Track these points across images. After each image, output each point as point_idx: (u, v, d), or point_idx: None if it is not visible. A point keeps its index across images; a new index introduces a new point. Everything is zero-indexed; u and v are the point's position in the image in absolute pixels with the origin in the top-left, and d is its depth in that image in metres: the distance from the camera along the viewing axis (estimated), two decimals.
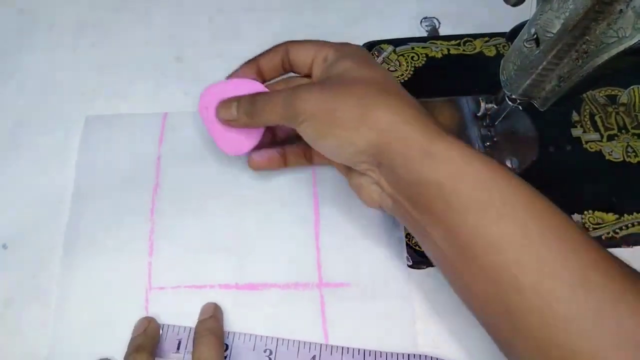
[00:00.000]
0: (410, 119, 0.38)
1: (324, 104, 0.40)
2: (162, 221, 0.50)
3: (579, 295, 0.33)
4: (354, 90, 0.40)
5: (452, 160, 0.37)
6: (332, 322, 0.47)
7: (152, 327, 0.45)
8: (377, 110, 0.39)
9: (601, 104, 0.58)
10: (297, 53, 0.47)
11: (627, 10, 0.32)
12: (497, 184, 0.37)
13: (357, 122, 0.39)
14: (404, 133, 0.38)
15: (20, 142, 0.54)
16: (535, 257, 0.34)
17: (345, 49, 0.45)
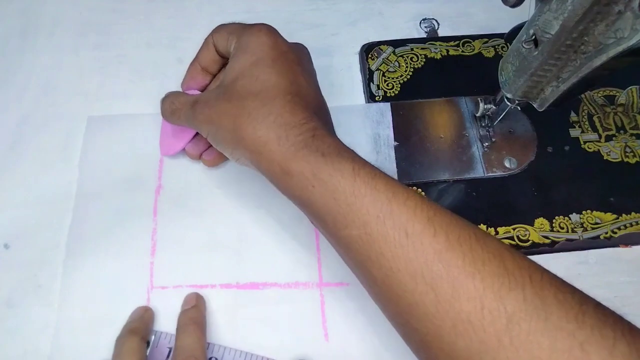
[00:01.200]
0: (276, 137, 0.39)
1: (211, 124, 0.43)
2: (164, 221, 0.50)
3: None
4: (233, 108, 0.42)
5: (304, 177, 0.38)
6: (332, 321, 0.47)
7: (148, 315, 0.46)
8: (247, 132, 0.40)
9: (599, 105, 0.58)
10: (218, 43, 0.48)
11: (625, 11, 0.33)
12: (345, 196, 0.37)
13: (232, 142, 0.42)
14: (267, 154, 0.40)
15: (23, 142, 0.54)
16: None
17: (246, 38, 0.45)
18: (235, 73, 0.43)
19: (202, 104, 0.44)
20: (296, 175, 0.38)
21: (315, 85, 0.46)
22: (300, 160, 0.38)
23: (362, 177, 0.37)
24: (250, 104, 0.41)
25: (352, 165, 0.37)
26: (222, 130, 0.42)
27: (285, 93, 0.41)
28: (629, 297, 0.49)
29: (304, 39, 0.61)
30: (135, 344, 0.42)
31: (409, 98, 0.58)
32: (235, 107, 0.41)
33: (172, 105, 0.48)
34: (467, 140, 0.56)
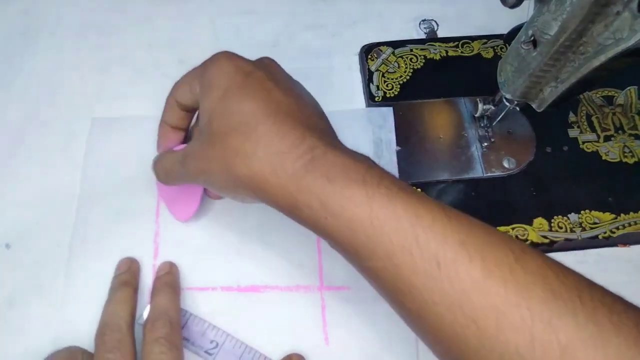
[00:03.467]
0: (272, 170, 0.36)
1: (204, 174, 0.41)
2: (167, 224, 0.50)
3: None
4: (219, 151, 0.38)
5: (314, 210, 0.35)
6: (333, 325, 0.47)
7: (135, 267, 0.48)
8: (241, 171, 0.37)
9: (598, 105, 0.58)
10: (180, 97, 0.45)
11: (623, 12, 0.33)
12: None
13: (230, 185, 0.39)
14: (269, 189, 0.37)
15: (25, 143, 0.54)
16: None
17: (207, 75, 0.41)
18: (208, 114, 0.40)
19: (190, 156, 0.42)
20: (305, 210, 0.35)
21: (296, 94, 0.41)
22: (305, 192, 0.35)
23: (378, 202, 0.33)
24: (233, 141, 0.37)
25: (365, 189, 0.34)
26: (216, 176, 0.39)
27: (265, 117, 0.37)
28: (628, 296, 0.48)
29: (303, 39, 0.62)
30: (127, 293, 0.44)
31: (408, 99, 0.59)
32: (221, 149, 0.38)
33: (164, 167, 0.45)
34: (466, 141, 0.56)
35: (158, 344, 0.40)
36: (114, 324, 0.41)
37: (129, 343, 0.41)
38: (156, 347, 0.40)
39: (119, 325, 0.41)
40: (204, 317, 0.46)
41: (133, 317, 0.43)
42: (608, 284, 0.50)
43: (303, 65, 0.60)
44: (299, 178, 0.35)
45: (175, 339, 0.41)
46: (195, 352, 0.45)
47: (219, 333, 0.45)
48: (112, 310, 0.43)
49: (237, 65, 0.40)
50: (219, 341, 0.45)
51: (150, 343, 0.40)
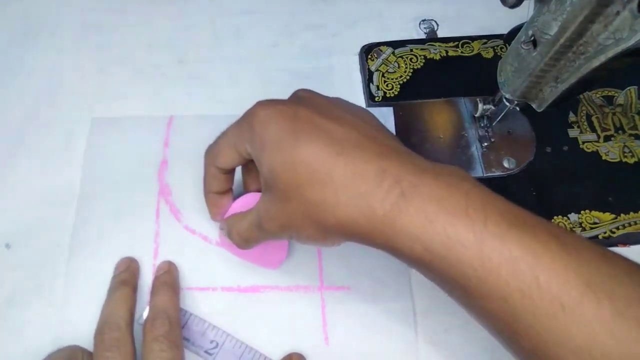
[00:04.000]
0: (361, 215, 0.34)
1: (288, 230, 0.39)
2: (167, 224, 0.50)
3: None
4: (298, 207, 0.36)
5: (416, 253, 0.33)
6: (333, 325, 0.47)
7: (135, 266, 0.48)
8: (328, 222, 0.35)
9: (598, 105, 0.58)
10: (223, 163, 0.44)
11: (623, 12, 0.33)
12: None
13: (320, 236, 0.37)
14: (363, 234, 0.35)
15: (25, 143, 0.54)
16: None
17: (254, 132, 0.39)
18: (269, 170, 0.37)
19: (266, 219, 0.39)
20: (406, 252, 0.33)
21: (349, 119, 0.38)
22: (403, 234, 0.33)
23: (488, 242, 0.31)
24: (311, 194, 0.35)
25: (472, 227, 0.31)
26: (302, 231, 0.37)
27: (333, 159, 0.35)
28: None
29: (303, 39, 0.62)
30: (127, 292, 0.44)
31: (408, 99, 0.59)
32: (299, 205, 0.36)
33: (242, 236, 0.43)
34: (466, 141, 0.56)
35: (158, 342, 0.40)
36: (112, 323, 0.41)
37: (128, 341, 0.40)
38: (156, 345, 0.40)
39: (117, 324, 0.41)
40: (204, 317, 0.46)
41: (132, 315, 0.43)
42: None
43: (303, 65, 0.60)
44: (392, 219, 0.33)
45: (175, 337, 0.41)
46: (195, 352, 0.45)
47: (219, 333, 0.45)
48: (110, 310, 0.43)
49: (278, 111, 0.38)
50: (219, 341, 0.45)
51: (150, 342, 0.40)
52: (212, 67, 0.59)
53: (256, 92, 0.57)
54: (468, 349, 0.46)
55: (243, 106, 0.57)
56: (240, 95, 0.57)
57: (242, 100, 0.57)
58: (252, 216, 0.41)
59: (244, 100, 0.57)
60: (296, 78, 0.59)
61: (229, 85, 0.58)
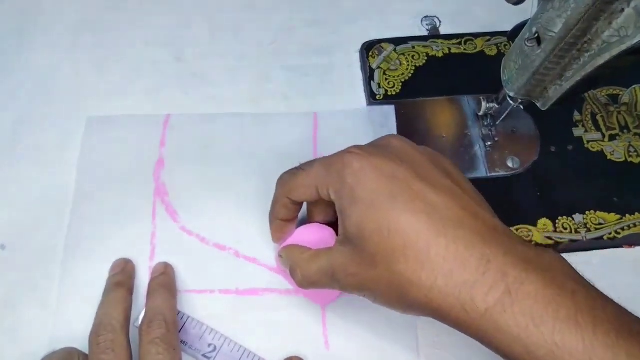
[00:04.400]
0: (459, 304, 0.32)
1: (365, 291, 0.37)
2: (164, 225, 0.50)
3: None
4: (385, 275, 0.35)
5: (514, 353, 0.31)
6: (333, 328, 0.47)
7: (130, 267, 0.47)
8: (418, 300, 0.34)
9: (603, 104, 0.58)
10: (298, 197, 0.42)
11: (628, 9, 0.32)
12: None
13: (401, 307, 0.36)
14: (454, 320, 0.33)
15: (20, 142, 0.54)
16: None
17: (344, 181, 0.37)
18: (358, 228, 0.36)
19: (342, 274, 0.37)
20: (502, 349, 0.32)
21: (447, 184, 0.37)
22: (504, 333, 0.31)
23: (599, 353, 0.29)
24: (404, 269, 0.34)
25: (581, 335, 0.30)
26: (380, 297, 0.36)
27: (434, 237, 0.33)
28: (633, 298, 0.48)
29: (303, 36, 0.61)
30: (122, 294, 0.44)
31: (410, 97, 0.58)
32: (386, 274, 0.34)
33: (308, 279, 0.41)
34: (470, 140, 0.55)
35: (154, 344, 0.39)
36: (107, 325, 0.41)
37: (123, 343, 0.40)
38: (153, 348, 0.39)
39: (112, 326, 0.41)
40: (202, 320, 0.46)
41: (127, 317, 0.43)
42: (613, 285, 0.49)
43: (303, 62, 0.60)
44: (494, 316, 0.31)
45: (171, 339, 0.41)
46: (193, 356, 0.44)
47: (218, 336, 0.45)
48: (105, 312, 0.42)
49: (374, 167, 0.36)
50: (217, 345, 0.45)
51: (147, 345, 0.40)
52: (209, 64, 0.58)
53: (254, 90, 0.58)
54: (469, 354, 0.46)
55: (241, 104, 0.57)
56: (238, 93, 0.57)
57: (240, 98, 0.57)
58: (324, 263, 0.39)
59: (242, 98, 0.57)
60: (295, 76, 0.59)
61: (226, 83, 0.58)
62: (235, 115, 0.55)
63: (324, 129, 0.55)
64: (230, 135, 0.54)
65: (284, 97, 0.57)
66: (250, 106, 0.56)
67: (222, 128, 0.54)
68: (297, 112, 0.56)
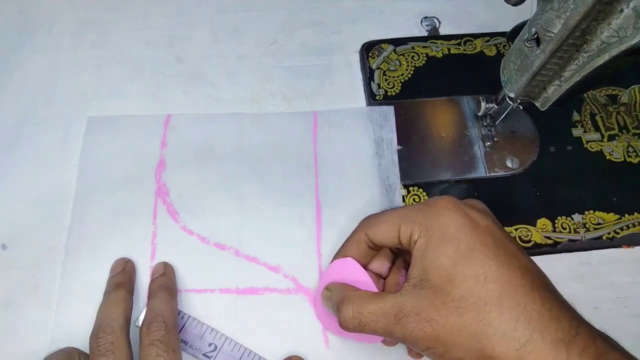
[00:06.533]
0: (542, 346, 0.32)
1: (438, 342, 0.34)
2: (165, 225, 0.50)
3: None
4: (471, 324, 0.33)
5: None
6: None
7: (130, 266, 0.47)
8: (502, 354, 0.32)
9: (602, 104, 0.58)
10: (378, 236, 0.41)
11: (627, 9, 0.32)
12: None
13: (477, 357, 0.34)
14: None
15: (20, 142, 0.54)
16: None
17: (434, 223, 0.37)
18: (446, 271, 0.35)
19: (412, 317, 0.35)
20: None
21: (519, 245, 0.38)
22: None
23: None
24: (498, 318, 0.33)
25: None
26: (457, 350, 0.34)
27: (529, 290, 0.33)
28: (632, 297, 0.49)
29: (303, 37, 0.62)
30: (122, 295, 0.44)
31: (410, 97, 0.58)
32: (476, 324, 0.33)
33: (360, 317, 0.37)
34: (469, 140, 0.55)
35: (154, 346, 0.39)
36: (107, 327, 0.41)
37: (123, 345, 0.40)
38: (153, 350, 0.39)
39: (112, 327, 0.41)
40: (203, 319, 0.46)
41: (127, 318, 0.43)
42: (612, 285, 0.50)
43: (302, 63, 0.60)
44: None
45: (171, 340, 0.41)
46: (193, 355, 0.44)
47: (218, 336, 0.45)
48: (105, 313, 0.42)
49: (470, 216, 0.37)
50: (217, 344, 0.45)
51: (147, 346, 0.40)
52: (210, 65, 0.58)
53: (255, 91, 0.58)
54: None
55: (242, 105, 0.57)
56: (238, 94, 0.57)
57: (240, 98, 0.57)
58: (388, 304, 0.37)
59: (242, 98, 0.57)
60: (295, 76, 0.59)
61: (227, 84, 0.58)
62: (235, 115, 0.55)
63: (324, 128, 0.55)
64: (230, 135, 0.54)
65: (284, 97, 0.57)
66: (250, 106, 0.56)
67: (222, 128, 0.54)
68: (297, 111, 0.57)
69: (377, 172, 0.53)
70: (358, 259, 0.42)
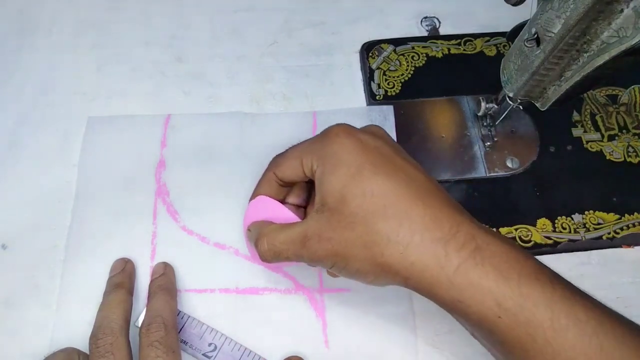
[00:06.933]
0: (434, 261, 0.34)
1: (337, 257, 0.37)
2: (165, 225, 0.50)
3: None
4: (363, 235, 0.36)
5: (485, 307, 0.33)
6: (333, 327, 0.47)
7: (130, 267, 0.47)
8: (393, 260, 0.35)
9: (602, 104, 0.58)
10: (283, 173, 0.43)
11: (627, 9, 0.32)
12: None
13: (373, 272, 0.37)
14: (428, 280, 0.35)
15: (21, 142, 0.54)
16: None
17: (327, 151, 0.39)
18: (338, 193, 0.37)
19: (315, 239, 0.38)
20: (474, 305, 0.33)
21: (420, 167, 0.39)
22: (475, 287, 0.33)
23: (559, 304, 0.32)
24: (382, 225, 0.35)
25: (542, 288, 0.33)
26: (354, 262, 0.37)
27: (414, 199, 0.36)
28: (632, 297, 0.49)
29: (304, 37, 0.62)
30: (121, 295, 0.44)
31: (410, 97, 0.58)
32: (366, 234, 0.36)
33: (274, 247, 0.41)
34: (469, 140, 0.56)
35: (153, 347, 0.39)
36: (106, 328, 0.41)
37: (123, 346, 0.40)
38: (152, 351, 0.39)
39: (111, 328, 0.41)
40: (203, 319, 0.46)
41: (127, 319, 0.43)
42: (612, 285, 0.50)
43: (303, 63, 0.60)
44: (467, 269, 0.34)
45: (170, 341, 0.41)
46: (193, 355, 0.44)
47: (218, 336, 0.45)
48: (105, 314, 0.42)
49: (359, 141, 0.39)
50: (217, 344, 0.45)
51: (146, 347, 0.40)
52: (210, 65, 0.58)
53: (255, 91, 0.58)
54: (467, 352, 0.46)
55: (242, 105, 0.57)
56: (238, 94, 0.57)
57: (240, 98, 0.57)
58: (294, 232, 0.39)
59: (242, 98, 0.57)
60: (295, 76, 0.59)
61: (227, 84, 0.58)
62: (235, 115, 0.55)
63: (324, 128, 0.55)
64: (230, 135, 0.54)
65: (284, 97, 0.57)
66: (250, 106, 0.57)
67: (222, 128, 0.54)
68: (297, 111, 0.57)
69: None
70: (273, 198, 0.45)
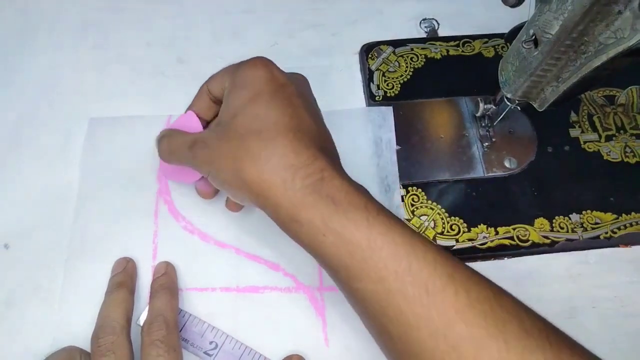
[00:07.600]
0: (282, 181, 0.38)
1: (211, 165, 0.41)
2: (166, 224, 0.50)
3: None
4: (233, 148, 0.40)
5: (314, 226, 0.37)
6: (332, 326, 0.47)
7: (131, 266, 0.48)
8: (250, 174, 0.38)
9: (599, 105, 0.58)
10: (213, 87, 0.46)
11: (625, 11, 0.33)
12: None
13: (235, 184, 0.40)
14: (273, 199, 0.38)
15: (22, 142, 0.54)
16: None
17: (241, 73, 0.42)
18: (233, 110, 0.41)
19: (200, 144, 0.42)
20: (306, 224, 0.37)
21: (318, 118, 0.44)
22: (309, 208, 0.37)
23: (377, 228, 0.36)
24: (251, 144, 0.39)
25: (366, 214, 0.36)
26: (223, 172, 0.40)
27: (287, 130, 0.39)
28: (629, 297, 0.49)
29: (303, 38, 0.62)
30: (123, 294, 0.44)
31: (409, 98, 0.58)
32: (236, 148, 0.39)
33: (170, 147, 0.46)
34: (467, 141, 0.56)
35: (155, 346, 0.40)
36: (107, 327, 0.41)
37: (124, 345, 0.41)
38: (153, 350, 0.40)
39: (112, 327, 0.41)
40: (203, 318, 0.46)
41: (128, 318, 0.43)
42: (610, 284, 0.50)
43: (302, 64, 0.59)
44: (306, 194, 0.37)
45: (172, 340, 0.41)
46: (194, 353, 0.45)
47: (219, 334, 0.45)
48: (106, 313, 0.43)
49: (273, 73, 0.42)
50: (218, 342, 0.45)
51: (148, 346, 0.40)
52: (211, 66, 0.57)
53: None
54: None
55: None
56: None
57: None
58: (189, 137, 0.44)
59: None
60: None
61: None
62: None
63: None
64: None
65: None
66: None
67: None
68: None
69: (376, 171, 0.53)
70: (203, 113, 0.47)
